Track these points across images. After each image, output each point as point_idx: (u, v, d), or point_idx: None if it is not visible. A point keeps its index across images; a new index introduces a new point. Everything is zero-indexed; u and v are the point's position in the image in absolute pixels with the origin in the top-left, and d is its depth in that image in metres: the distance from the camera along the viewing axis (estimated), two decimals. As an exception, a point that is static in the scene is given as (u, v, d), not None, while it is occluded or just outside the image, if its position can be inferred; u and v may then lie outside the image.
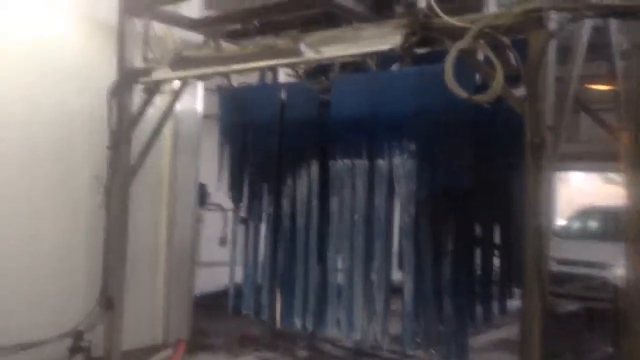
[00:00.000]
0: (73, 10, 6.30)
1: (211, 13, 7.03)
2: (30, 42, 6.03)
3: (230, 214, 10.56)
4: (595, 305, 7.87)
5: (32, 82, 6.05)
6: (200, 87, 7.46)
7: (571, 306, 9.12)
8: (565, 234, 10.86)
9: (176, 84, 6.28)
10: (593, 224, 11.12)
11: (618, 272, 8.12)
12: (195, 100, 7.59)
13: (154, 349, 7.06)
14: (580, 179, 19.28)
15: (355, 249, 5.24)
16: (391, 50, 4.05)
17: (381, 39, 4.11)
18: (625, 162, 5.37)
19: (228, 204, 10.65)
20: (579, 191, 18.98)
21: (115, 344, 6.13)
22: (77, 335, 6.04)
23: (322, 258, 5.62)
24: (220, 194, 10.28)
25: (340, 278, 5.41)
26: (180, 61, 4.92)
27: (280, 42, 4.42)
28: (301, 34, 4.46)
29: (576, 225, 11.22)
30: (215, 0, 7.04)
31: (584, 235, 10.65)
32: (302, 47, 4.19)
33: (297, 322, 5.65)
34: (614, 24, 4.95)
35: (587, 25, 4.39)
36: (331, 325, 5.50)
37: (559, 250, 9.58)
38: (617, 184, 18.04)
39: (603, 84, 5.45)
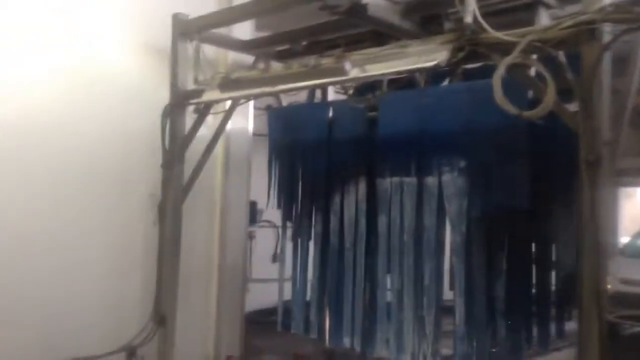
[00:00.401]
0: (128, 37, 6.53)
1: (262, 34, 7.17)
2: (86, 67, 6.27)
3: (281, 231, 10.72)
4: (663, 328, 7.46)
5: (94, 106, 6.28)
6: (250, 106, 7.57)
7: (637, 328, 8.69)
8: (630, 252, 10.39)
9: (227, 104, 6.41)
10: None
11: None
12: (246, 120, 7.70)
13: (203, 365, 7.15)
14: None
15: (405, 268, 5.15)
16: (437, 66, 3.99)
17: (427, 55, 4.06)
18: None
19: (280, 220, 10.80)
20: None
21: (168, 359, 6.22)
22: (131, 350, 6.16)
23: (371, 277, 5.56)
24: (272, 211, 10.44)
25: (389, 298, 5.32)
26: (228, 83, 5.00)
27: (325, 61, 4.43)
28: (346, 52, 4.45)
29: (641, 243, 10.72)
30: (268, 22, 7.12)
31: (651, 253, 10.15)
32: (347, 65, 4.18)
33: (346, 341, 5.59)
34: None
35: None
36: (380, 346, 5.41)
37: (623, 269, 9.18)
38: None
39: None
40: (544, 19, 4.85)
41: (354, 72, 4.25)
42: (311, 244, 6.00)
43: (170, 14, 6.35)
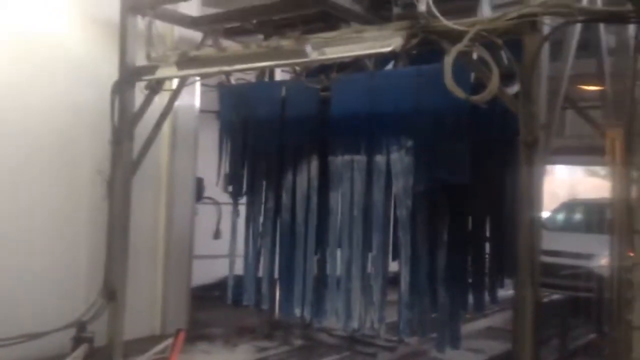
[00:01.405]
0: (75, 9, 6.43)
1: (209, 11, 7.20)
2: (33, 39, 6.16)
3: (223, 208, 10.81)
4: (580, 294, 8.20)
5: (35, 77, 6.19)
6: (197, 83, 7.61)
7: (556, 295, 9.46)
8: (551, 226, 11.18)
9: (175, 81, 6.44)
10: (577, 216, 11.45)
11: (602, 262, 8.43)
12: (193, 97, 7.75)
13: (153, 339, 7.22)
14: (564, 172, 19.69)
15: (354, 241, 5.45)
16: (392, 52, 4.25)
17: (383, 40, 4.31)
18: (610, 156, 5.65)
19: (222, 197, 10.88)
20: (563, 184, 19.40)
21: (117, 334, 6.28)
22: (81, 326, 6.17)
23: (321, 250, 5.83)
24: (214, 188, 10.50)
25: (338, 269, 5.61)
26: (186, 61, 5.07)
27: (286, 43, 4.58)
28: (304, 35, 4.63)
29: (560, 217, 11.54)
30: (213, -1, 7.15)
31: (568, 227, 10.97)
32: (309, 48, 4.37)
33: (297, 312, 5.85)
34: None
35: (577, 25, 4.60)
36: (330, 315, 5.71)
37: (544, 242, 9.90)
38: (599, 177, 18.49)
39: (591, 82, 5.70)
40: (485, 6, 5.21)
41: (314, 55, 4.45)
42: (262, 219, 6.18)
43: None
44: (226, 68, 5.07)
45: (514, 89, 4.41)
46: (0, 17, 5.92)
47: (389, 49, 4.24)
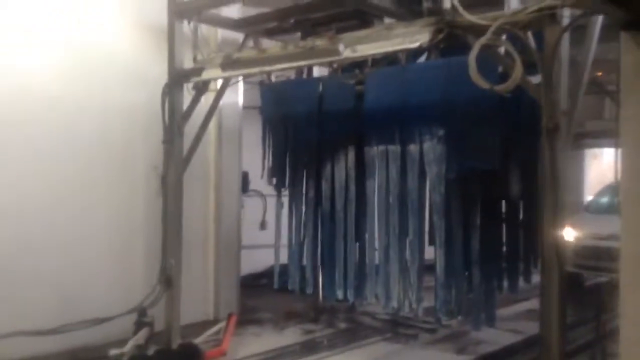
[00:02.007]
0: (124, 17, 6.92)
1: (249, 12, 7.57)
2: (88, 49, 6.68)
3: (268, 200, 11.23)
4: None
5: (91, 84, 6.71)
6: (240, 81, 8.00)
7: (598, 278, 9.49)
8: (594, 209, 11.15)
9: (220, 80, 6.84)
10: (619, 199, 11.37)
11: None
12: (236, 94, 8.16)
13: (207, 324, 7.72)
14: (611, 155, 19.30)
15: (391, 227, 5.74)
16: (420, 47, 4.52)
17: (411, 36, 4.57)
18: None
19: (267, 190, 11.29)
20: (611, 167, 19.03)
21: (174, 319, 6.76)
22: (142, 311, 6.68)
23: (360, 236, 6.16)
24: (259, 181, 10.93)
25: (377, 254, 5.91)
26: (230, 62, 5.45)
27: (320, 42, 4.90)
28: (337, 34, 4.93)
29: (604, 200, 11.48)
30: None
31: (611, 209, 10.90)
32: (341, 47, 4.67)
33: (339, 294, 6.20)
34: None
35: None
36: (370, 297, 6.04)
37: (588, 225, 9.89)
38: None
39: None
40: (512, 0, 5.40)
41: (347, 53, 4.76)
42: (304, 209, 6.54)
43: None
44: (267, 68, 5.43)
45: (539, 76, 4.62)
46: (58, 30, 6.42)
47: (416, 44, 4.51)
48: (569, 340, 4.99)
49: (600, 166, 18.78)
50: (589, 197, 12.71)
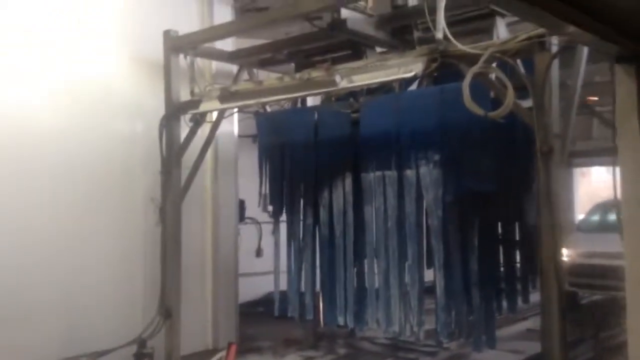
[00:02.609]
0: (122, 52, 7.04)
1: (241, 41, 7.73)
2: (87, 82, 6.75)
3: (263, 227, 11.28)
4: (616, 294, 8.34)
5: (91, 117, 6.76)
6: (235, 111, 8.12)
7: (593, 296, 9.59)
8: (585, 228, 11.29)
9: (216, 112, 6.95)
10: (610, 217, 11.53)
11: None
12: (232, 124, 8.26)
13: (207, 354, 7.70)
14: (600, 173, 19.56)
15: (390, 251, 5.82)
16: (415, 77, 4.66)
17: (405, 66, 4.73)
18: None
19: (262, 217, 11.35)
20: (600, 185, 19.27)
21: (175, 349, 6.78)
22: (141, 342, 6.68)
23: (359, 261, 6.23)
24: (254, 208, 10.99)
25: (377, 279, 5.97)
26: (228, 95, 5.57)
27: (316, 73, 5.04)
28: (333, 66, 5.07)
29: (595, 218, 11.63)
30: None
31: (603, 227, 11.06)
32: (338, 78, 4.81)
33: (340, 320, 6.24)
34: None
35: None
36: (371, 322, 6.08)
37: (579, 243, 10.01)
38: None
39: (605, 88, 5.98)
40: (501, 26, 5.58)
41: (343, 83, 4.89)
42: (302, 236, 6.61)
43: (158, 31, 6.87)
44: (263, 100, 5.55)
45: (530, 101, 4.77)
46: (59, 66, 6.52)
47: (411, 74, 4.65)
48: (570, 358, 5.05)
49: (590, 184, 19.02)
50: (580, 216, 12.87)
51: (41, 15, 6.44)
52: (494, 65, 4.54)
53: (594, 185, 19.13)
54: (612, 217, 11.55)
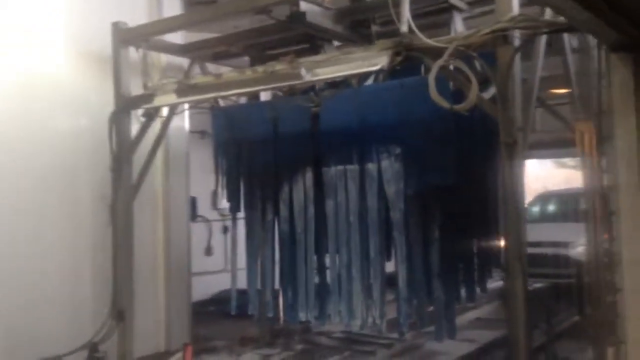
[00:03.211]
0: (69, 45, 6.72)
1: (192, 34, 7.53)
2: (32, 77, 6.41)
3: (213, 225, 11.11)
4: (561, 281, 8.70)
5: (36, 112, 6.43)
6: (186, 106, 7.91)
7: (539, 284, 9.94)
8: (527, 218, 11.67)
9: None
10: (551, 207, 12.02)
11: (578, 249, 8.93)
12: (183, 120, 8.05)
13: (160, 356, 7.49)
14: (535, 165, 20.32)
15: (352, 245, 5.81)
16: (381, 70, 4.66)
17: (370, 60, 4.71)
18: (580, 148, 6.14)
19: (212, 215, 11.17)
20: (535, 177, 20.04)
21: (128, 352, 6.55)
22: (93, 347, 6.42)
23: (321, 256, 6.20)
24: (204, 206, 10.79)
25: (339, 273, 5.94)
26: (186, 88, 5.40)
27: (280, 67, 4.95)
28: (296, 58, 4.99)
29: (536, 209, 12.08)
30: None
31: (544, 217, 11.51)
32: (304, 71, 4.74)
33: (302, 316, 6.18)
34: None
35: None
36: (334, 316, 6.06)
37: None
38: (568, 168, 19.13)
39: (559, 82, 6.19)
40: (457, 21, 5.68)
41: (308, 77, 4.82)
42: (262, 232, 6.50)
43: (105, 24, 6.58)
44: (223, 93, 5.42)
45: (490, 93, 4.86)
46: (3, 60, 6.15)
47: (377, 67, 4.65)
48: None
49: (526, 177, 19.68)
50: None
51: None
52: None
53: (529, 177, 19.85)
54: (553, 207, 12.07)
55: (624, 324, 3.44)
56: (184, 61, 7.55)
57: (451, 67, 4.69)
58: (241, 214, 6.76)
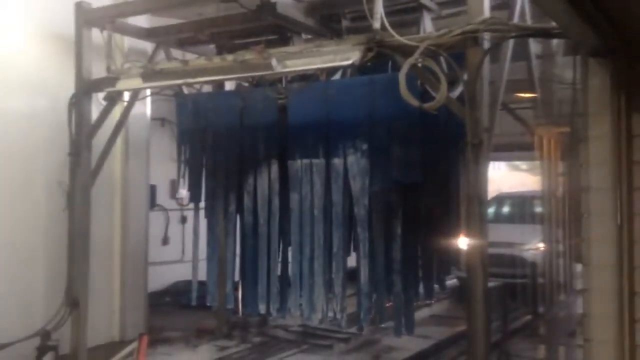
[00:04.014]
0: (29, 25, 6.48)
1: (157, 19, 7.37)
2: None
3: (170, 215, 10.93)
4: (515, 280, 8.91)
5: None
6: (148, 92, 7.75)
7: (493, 283, 10.15)
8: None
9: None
10: (506, 209, 12.29)
11: (532, 250, 9.18)
12: (144, 106, 7.88)
13: (113, 346, 7.33)
14: (490, 167, 20.69)
15: (316, 238, 5.81)
16: (352, 65, 4.66)
17: (342, 54, 4.71)
18: (539, 152, 6.32)
19: (169, 204, 10.98)
20: (489, 179, 20.41)
21: (81, 341, 6.40)
22: (45, 334, 6.24)
23: (284, 249, 6.18)
24: (161, 195, 10.60)
25: (301, 266, 5.93)
26: (151, 73, 5.28)
27: (250, 56, 4.90)
28: (267, 48, 4.95)
29: (491, 210, 12.32)
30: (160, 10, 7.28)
31: (499, 219, 11.75)
32: (274, 62, 4.70)
33: (262, 308, 6.15)
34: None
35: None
36: (294, 309, 6.06)
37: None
38: (521, 171, 19.59)
39: (523, 86, 6.33)
40: (427, 20, 5.73)
41: (278, 68, 4.79)
42: (223, 223, 6.43)
43: (69, 3, 6.37)
44: (191, 80, 5.32)
45: (456, 92, 4.93)
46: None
47: (349, 62, 4.65)
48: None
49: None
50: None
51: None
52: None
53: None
54: (507, 208, 12.35)
55: (590, 323, 3.55)
56: (147, 46, 7.40)
57: (419, 65, 4.74)
58: (202, 204, 6.67)
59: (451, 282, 9.57)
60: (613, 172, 3.42)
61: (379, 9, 4.61)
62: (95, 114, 6.48)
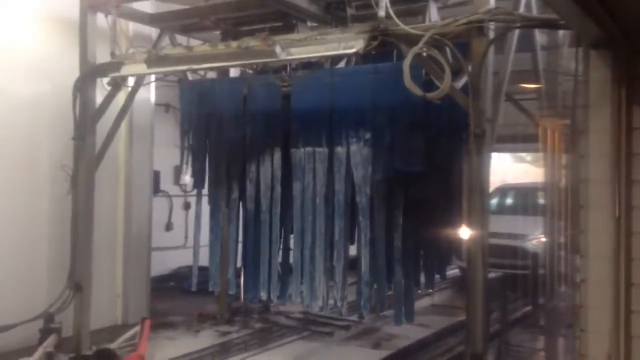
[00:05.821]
0: (33, 9, 6.47)
1: (162, 7, 7.36)
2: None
3: (174, 201, 10.97)
4: (516, 271, 8.92)
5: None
6: (152, 78, 7.76)
7: (493, 274, 10.17)
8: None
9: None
10: (509, 200, 12.27)
11: (534, 242, 9.18)
12: (148, 91, 7.89)
13: (116, 329, 7.40)
14: (494, 159, 20.63)
15: (317, 226, 5.81)
16: (356, 53, 4.65)
17: (346, 42, 4.70)
18: (543, 143, 6.31)
19: (173, 190, 11.02)
20: (493, 170, 20.37)
21: (84, 324, 6.45)
22: (48, 317, 6.31)
23: (285, 236, 6.20)
24: (165, 181, 10.63)
25: (303, 254, 5.95)
26: (156, 59, 5.28)
27: (255, 43, 4.89)
28: (271, 35, 4.94)
29: (494, 201, 12.30)
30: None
31: (502, 210, 11.74)
32: (278, 49, 4.69)
33: (263, 295, 6.19)
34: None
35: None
36: (295, 296, 6.09)
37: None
38: (526, 163, 19.51)
39: (528, 78, 6.31)
40: (433, 10, 5.71)
41: (282, 55, 4.78)
42: (226, 210, 6.45)
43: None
44: (195, 67, 5.32)
45: (461, 83, 4.91)
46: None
47: (353, 50, 4.64)
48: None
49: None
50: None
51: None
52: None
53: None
54: (510, 200, 12.33)
55: (587, 314, 3.57)
56: (151, 31, 7.38)
57: (424, 54, 4.72)
58: (205, 191, 6.69)
59: (452, 271, 9.59)
60: (612, 164, 3.43)
61: (385, -3, 4.58)
62: (99, 98, 6.50)
